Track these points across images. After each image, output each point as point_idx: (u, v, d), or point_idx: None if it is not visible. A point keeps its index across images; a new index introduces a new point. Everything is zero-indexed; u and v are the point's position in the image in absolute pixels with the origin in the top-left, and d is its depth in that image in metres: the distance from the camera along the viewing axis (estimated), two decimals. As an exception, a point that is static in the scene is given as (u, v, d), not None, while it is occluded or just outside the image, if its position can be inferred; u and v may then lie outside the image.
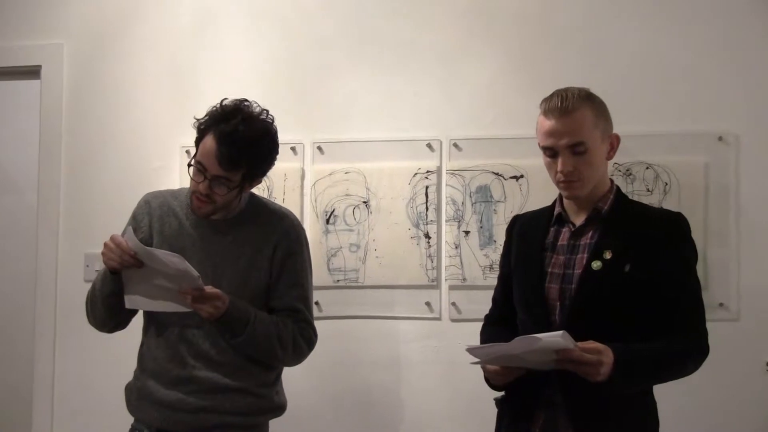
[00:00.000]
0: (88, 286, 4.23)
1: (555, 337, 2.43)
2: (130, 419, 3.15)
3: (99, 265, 4.24)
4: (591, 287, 2.67)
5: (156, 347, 3.08)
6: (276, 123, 3.11)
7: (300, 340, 3.12)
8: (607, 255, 2.67)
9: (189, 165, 3.00)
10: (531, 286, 2.80)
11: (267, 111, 3.08)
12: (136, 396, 3.10)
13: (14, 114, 5.76)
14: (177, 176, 4.27)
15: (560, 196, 2.87)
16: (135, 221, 3.17)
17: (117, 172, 4.36)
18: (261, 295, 3.11)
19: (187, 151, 4.22)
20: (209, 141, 2.95)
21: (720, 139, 3.85)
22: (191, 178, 3.01)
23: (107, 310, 3.08)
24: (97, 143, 4.40)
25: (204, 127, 3.00)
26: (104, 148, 4.39)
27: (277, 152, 3.11)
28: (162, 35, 4.38)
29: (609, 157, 2.81)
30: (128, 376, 3.35)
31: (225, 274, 3.06)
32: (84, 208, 4.39)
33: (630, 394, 2.63)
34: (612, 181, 2.86)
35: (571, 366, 2.49)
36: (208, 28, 4.34)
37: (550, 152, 2.73)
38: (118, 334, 3.25)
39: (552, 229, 2.84)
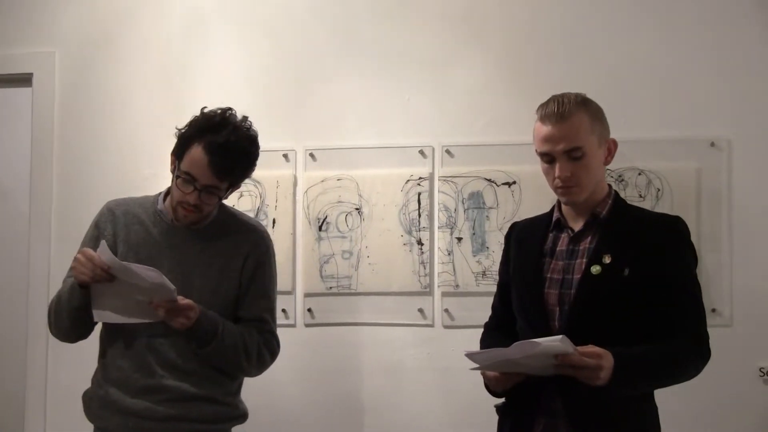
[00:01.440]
0: None
1: (554, 342, 2.42)
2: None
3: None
4: (590, 292, 2.66)
5: (121, 357, 3.05)
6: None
7: (264, 351, 3.12)
8: (607, 259, 2.67)
9: (177, 177, 3.01)
10: (530, 292, 2.79)
11: (246, 117, 3.09)
12: (97, 404, 3.07)
13: (6, 122, 5.74)
14: (169, 183, 4.24)
15: (558, 202, 2.86)
16: (97, 229, 3.14)
17: (109, 179, 4.35)
18: (230, 304, 3.11)
19: (179, 159, 4.23)
20: (198, 152, 2.96)
21: (712, 144, 3.85)
22: (178, 188, 3.01)
23: (72, 323, 3.06)
24: (89, 150, 4.40)
25: (188, 137, 3.01)
26: (96, 155, 4.39)
27: (258, 158, 3.13)
28: (153, 43, 4.38)
29: (606, 162, 2.80)
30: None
31: (195, 282, 3.05)
32: (76, 214, 4.36)
33: (630, 400, 2.63)
34: (610, 186, 2.85)
35: (571, 371, 2.48)
36: (199, 36, 4.34)
37: (548, 158, 2.73)
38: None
39: (550, 234, 2.84)
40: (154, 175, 4.30)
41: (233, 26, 4.33)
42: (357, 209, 4.11)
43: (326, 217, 4.13)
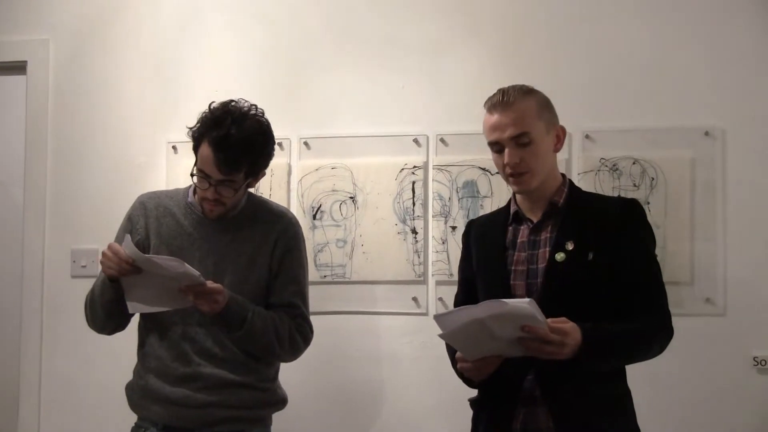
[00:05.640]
0: (75, 282, 4.29)
1: (522, 304, 2.45)
2: (118, 416, 3.17)
3: (85, 261, 4.28)
4: (558, 279, 2.69)
5: (159, 347, 3.10)
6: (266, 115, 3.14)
7: (296, 336, 3.16)
8: (570, 246, 2.70)
9: (192, 174, 3.05)
10: (496, 285, 2.80)
11: (255, 106, 3.11)
12: (139, 394, 3.12)
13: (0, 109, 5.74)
14: (163, 172, 4.27)
15: (514, 195, 2.90)
16: (130, 223, 3.19)
17: (103, 168, 4.35)
18: (261, 291, 3.15)
19: (174, 147, 4.24)
20: (205, 149, 2.99)
21: (706, 134, 3.85)
22: (196, 186, 3.07)
23: (107, 316, 3.11)
24: (83, 139, 4.39)
25: (197, 135, 3.04)
26: (90, 143, 4.38)
27: (273, 144, 3.16)
28: (148, 31, 4.37)
29: (556, 149, 2.84)
30: (116, 372, 3.34)
31: (226, 271, 3.09)
32: (70, 203, 4.37)
33: (607, 384, 2.67)
34: (564, 175, 2.89)
35: (536, 345, 2.49)
36: (193, 23, 4.33)
37: (497, 147, 2.77)
38: (105, 332, 3.26)
39: (510, 228, 2.86)
40: (147, 164, 4.32)
41: (227, 14, 4.32)
42: (351, 198, 4.11)
43: (320, 205, 4.13)
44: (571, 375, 2.57)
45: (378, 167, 4.09)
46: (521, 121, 2.72)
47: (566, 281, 2.68)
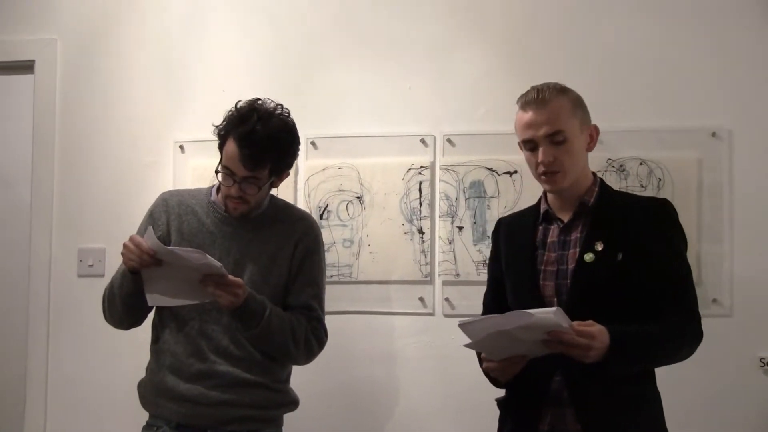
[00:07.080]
0: (82, 281, 4.29)
1: (548, 314, 2.42)
2: (125, 414, 3.16)
3: (92, 260, 4.28)
4: (586, 280, 2.67)
5: (175, 343, 3.10)
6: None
7: (311, 338, 3.18)
8: (599, 247, 2.68)
9: (216, 171, 3.07)
10: (525, 285, 2.80)
11: (281, 105, 3.14)
12: (152, 392, 3.13)
13: (7, 109, 5.73)
14: (170, 171, 4.28)
15: (545, 194, 2.88)
16: (152, 219, 3.21)
17: (110, 167, 4.36)
18: (279, 292, 3.16)
19: (181, 146, 4.25)
20: (231, 145, 3.02)
21: (713, 134, 3.85)
22: (221, 183, 3.10)
23: (126, 309, 3.12)
24: (91, 138, 4.39)
25: (224, 133, 3.07)
26: (98, 143, 4.39)
27: (298, 143, 3.18)
28: (155, 31, 4.37)
29: (589, 148, 2.83)
30: (122, 371, 3.33)
31: (246, 270, 3.11)
32: (77, 202, 4.38)
33: (635, 386, 2.66)
34: (594, 174, 2.88)
35: (561, 347, 2.48)
36: (200, 23, 4.33)
37: (530, 145, 2.76)
38: (111, 330, 3.26)
39: (540, 227, 2.85)
40: (154, 163, 4.32)
41: (234, 13, 4.32)
42: (358, 198, 4.11)
43: (327, 205, 4.13)
44: (599, 376, 2.55)
45: (385, 167, 4.10)
46: (556, 119, 2.71)
47: (595, 282, 2.67)
